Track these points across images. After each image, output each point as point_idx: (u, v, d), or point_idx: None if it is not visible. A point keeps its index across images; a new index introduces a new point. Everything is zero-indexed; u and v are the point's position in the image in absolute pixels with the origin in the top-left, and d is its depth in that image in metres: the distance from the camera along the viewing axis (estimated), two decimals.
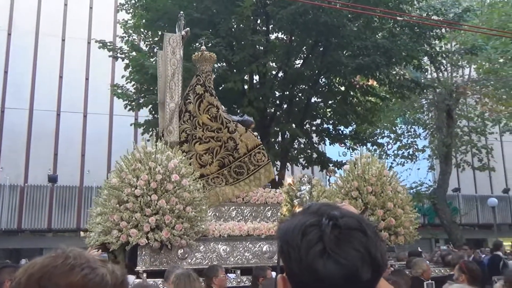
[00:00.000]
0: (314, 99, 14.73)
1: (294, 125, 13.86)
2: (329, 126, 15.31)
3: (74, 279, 0.98)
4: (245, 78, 13.44)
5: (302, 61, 14.26)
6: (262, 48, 13.36)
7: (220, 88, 13.43)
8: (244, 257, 6.71)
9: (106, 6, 20.87)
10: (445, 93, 18.20)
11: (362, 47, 12.82)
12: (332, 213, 1.01)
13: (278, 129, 14.06)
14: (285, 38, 14.22)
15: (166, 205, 5.71)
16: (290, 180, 7.65)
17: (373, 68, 12.85)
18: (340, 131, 15.31)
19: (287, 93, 14.08)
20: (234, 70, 12.78)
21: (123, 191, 5.74)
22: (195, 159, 7.07)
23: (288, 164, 15.03)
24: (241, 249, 6.76)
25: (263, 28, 13.73)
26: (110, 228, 5.70)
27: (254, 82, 13.87)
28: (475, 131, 20.58)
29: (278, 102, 14.38)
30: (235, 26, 12.91)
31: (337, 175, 7.47)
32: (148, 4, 12.75)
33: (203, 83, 7.50)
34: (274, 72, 14.09)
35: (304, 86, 14.34)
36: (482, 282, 5.12)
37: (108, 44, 14.00)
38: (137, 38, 14.82)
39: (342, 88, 14.88)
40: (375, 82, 14.78)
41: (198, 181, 6.36)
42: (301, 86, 14.38)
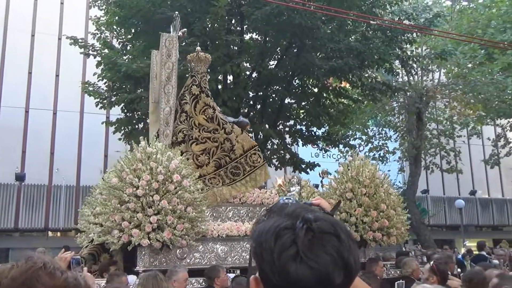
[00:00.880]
0: (287, 100, 14.80)
1: (267, 125, 13.91)
2: (302, 127, 15.40)
3: (57, 282, 1.05)
4: (219, 78, 13.41)
5: (276, 62, 14.31)
6: (237, 48, 13.36)
7: None
8: (241, 257, 6.75)
9: (78, 2, 20.51)
10: (415, 96, 18.55)
11: (336, 50, 12.96)
12: (306, 216, 1.02)
13: (252, 129, 14.08)
14: (259, 39, 14.25)
15: (168, 205, 5.71)
16: (280, 181, 7.74)
17: (346, 70, 13.00)
18: (312, 132, 15.43)
19: (261, 93, 14.11)
20: (208, 70, 12.71)
21: (125, 191, 5.70)
22: (192, 160, 7.07)
23: None
24: (238, 249, 6.80)
25: (238, 28, 13.73)
26: (111, 228, 5.66)
27: (228, 82, 13.85)
28: (444, 134, 21.05)
29: (251, 102, 14.40)
30: (210, 25, 12.86)
31: (331, 177, 7.54)
32: (121, 1, 12.57)
33: (199, 84, 7.53)
34: (248, 72, 14.11)
35: (277, 87, 14.39)
36: None
37: (79, 40, 13.75)
38: (109, 36, 14.62)
39: (315, 89, 15.01)
40: (348, 84, 14.95)
41: (198, 181, 6.39)
42: (274, 87, 14.44)
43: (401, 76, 18.21)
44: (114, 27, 13.93)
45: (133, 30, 13.41)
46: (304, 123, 15.33)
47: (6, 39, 19.86)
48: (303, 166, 14.85)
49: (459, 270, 8.34)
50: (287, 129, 15.35)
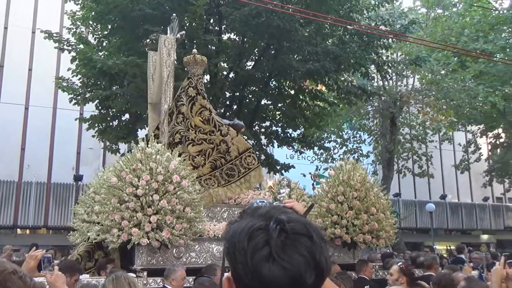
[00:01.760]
0: (264, 101, 14.84)
1: None
2: (277, 128, 15.46)
3: (28, 287, 1.13)
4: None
5: (253, 63, 14.33)
6: (214, 48, 13.32)
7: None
8: None
9: None
10: (389, 101, 18.83)
11: (313, 53, 13.05)
12: (279, 217, 1.03)
13: None
14: (237, 39, 14.24)
15: (167, 205, 5.76)
16: (271, 183, 7.83)
17: (322, 73, 13.10)
18: (288, 134, 15.50)
19: (238, 94, 14.11)
20: (185, 69, 12.65)
21: (124, 191, 5.74)
22: (188, 160, 7.13)
23: None
24: None
25: (216, 28, 13.69)
26: (110, 227, 5.68)
27: (205, 81, 13.79)
28: (417, 139, 21.42)
29: (228, 102, 14.37)
30: (188, 24, 12.79)
31: (322, 180, 7.64)
32: None
33: (195, 86, 7.60)
34: (225, 72, 14.08)
35: (254, 88, 14.41)
36: None
37: (54, 35, 13.50)
38: (85, 31, 14.37)
39: (292, 91, 15.08)
40: (324, 87, 15.08)
41: (195, 182, 6.44)
42: (251, 87, 14.45)
43: (376, 80, 18.45)
44: (90, 23, 13.72)
45: (109, 26, 13.22)
46: (279, 125, 15.39)
47: None
48: (278, 167, 14.91)
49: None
50: (263, 130, 15.38)
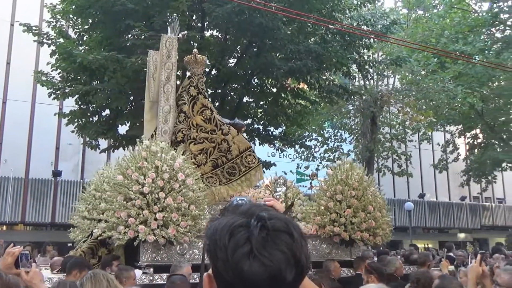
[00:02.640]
0: (246, 99, 14.83)
1: None
2: (259, 126, 15.46)
3: (4, 282, 1.18)
4: (178, 74, 13.26)
5: (236, 60, 14.30)
6: (197, 44, 13.24)
7: None
8: None
9: None
10: (370, 100, 19.01)
11: (295, 51, 13.08)
12: (260, 214, 1.04)
13: None
14: (220, 36, 14.20)
15: (173, 203, 5.84)
16: (268, 181, 7.93)
17: (304, 72, 13.14)
18: (270, 132, 15.52)
19: (219, 91, 14.07)
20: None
21: (131, 188, 5.81)
22: (190, 159, 7.18)
23: None
24: None
25: (199, 24, 13.62)
26: (116, 224, 5.75)
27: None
28: (396, 138, 21.66)
29: (210, 99, 14.30)
30: (170, 20, 12.71)
31: (320, 179, 7.76)
32: None
33: (196, 85, 7.69)
34: (207, 69, 14.03)
35: (236, 85, 14.39)
36: None
37: (33, 28, 13.27)
38: (65, 25, 14.16)
39: (274, 89, 15.09)
40: (306, 86, 15.14)
41: (200, 180, 6.54)
42: (233, 85, 14.43)
43: (357, 80, 18.60)
44: (71, 16, 13.50)
45: (90, 20, 13.05)
46: (261, 123, 15.39)
47: None
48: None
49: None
50: (245, 128, 15.36)
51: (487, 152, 22.12)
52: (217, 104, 14.40)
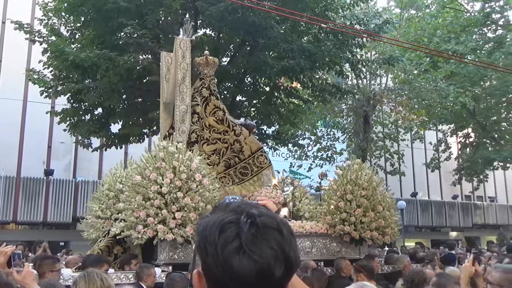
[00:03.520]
0: (239, 98, 14.81)
1: None
2: None
3: None
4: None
5: (229, 59, 14.29)
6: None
7: (144, 81, 13.15)
8: None
9: None
10: (363, 99, 19.07)
11: (288, 50, 13.09)
12: (250, 211, 1.05)
13: None
14: (213, 35, 14.18)
15: (191, 202, 5.94)
16: (275, 181, 8.02)
17: (297, 71, 13.15)
18: (263, 131, 15.52)
19: None
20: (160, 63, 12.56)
21: (149, 188, 5.92)
22: (204, 159, 7.25)
23: None
24: None
25: (192, 23, 13.58)
26: (135, 223, 5.85)
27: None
28: (389, 137, 21.75)
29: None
30: (163, 18, 12.68)
31: (330, 179, 7.84)
32: None
33: (208, 87, 7.78)
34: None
35: (229, 84, 14.38)
36: None
37: (25, 26, 13.18)
38: (57, 22, 14.08)
39: (267, 88, 15.09)
40: (299, 85, 15.15)
41: (216, 180, 6.64)
42: (226, 83, 14.40)
43: (350, 79, 18.64)
44: (63, 14, 13.42)
45: (82, 18, 12.98)
46: (254, 121, 15.39)
47: None
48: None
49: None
50: None
51: (479, 151, 22.28)
52: None
